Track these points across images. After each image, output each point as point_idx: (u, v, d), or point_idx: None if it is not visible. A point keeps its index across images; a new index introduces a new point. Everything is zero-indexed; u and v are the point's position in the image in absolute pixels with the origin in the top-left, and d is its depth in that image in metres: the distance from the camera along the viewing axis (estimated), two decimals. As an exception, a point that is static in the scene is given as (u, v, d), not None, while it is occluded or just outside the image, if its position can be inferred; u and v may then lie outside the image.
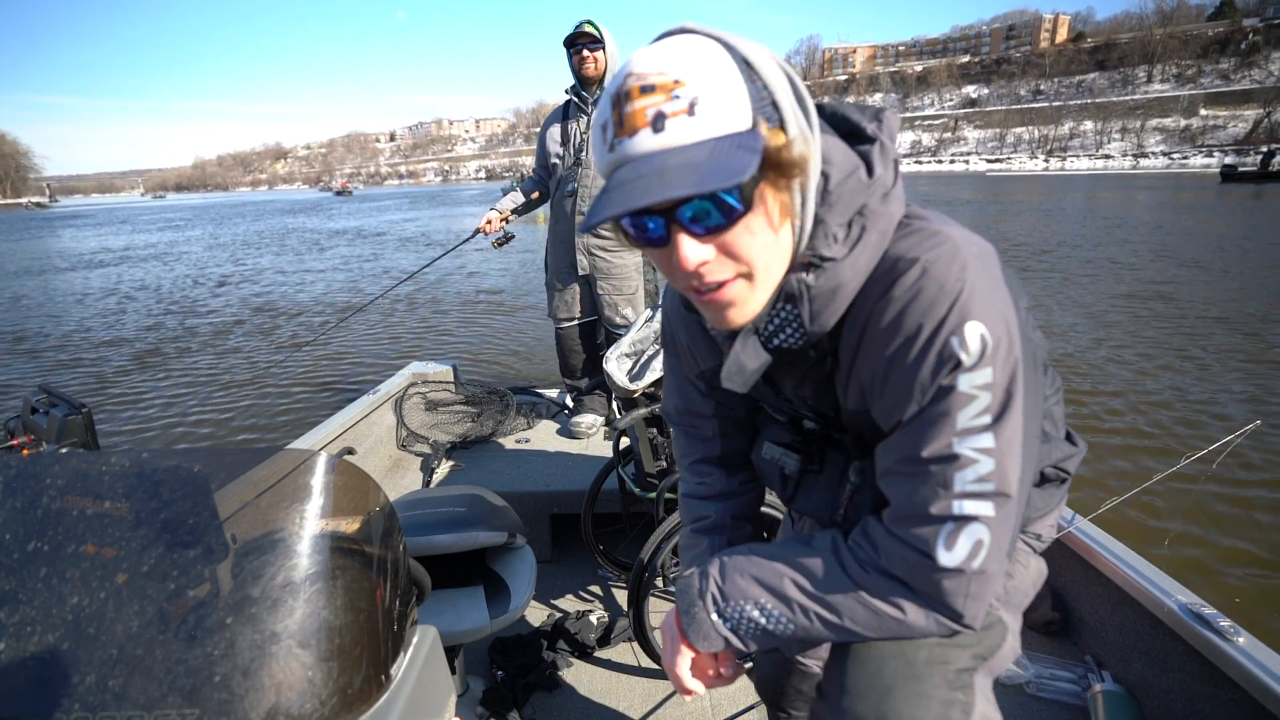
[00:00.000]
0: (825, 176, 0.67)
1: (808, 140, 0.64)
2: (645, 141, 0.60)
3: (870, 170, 0.69)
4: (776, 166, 0.62)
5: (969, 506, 0.66)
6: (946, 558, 0.66)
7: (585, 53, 2.65)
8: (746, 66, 0.62)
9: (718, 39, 0.63)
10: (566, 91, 2.84)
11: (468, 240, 3.32)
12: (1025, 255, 12.93)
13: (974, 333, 0.64)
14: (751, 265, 0.66)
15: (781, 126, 0.62)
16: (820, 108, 0.74)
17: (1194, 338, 6.60)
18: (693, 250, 0.63)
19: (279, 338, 8.26)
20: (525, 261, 13.71)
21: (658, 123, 0.59)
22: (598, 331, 3.12)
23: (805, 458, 0.90)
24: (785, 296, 0.70)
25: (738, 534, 0.99)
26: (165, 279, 14.32)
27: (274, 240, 24.41)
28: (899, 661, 0.75)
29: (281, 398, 5.78)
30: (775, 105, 0.62)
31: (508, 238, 3.08)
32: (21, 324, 9.62)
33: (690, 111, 0.59)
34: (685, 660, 0.85)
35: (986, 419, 0.65)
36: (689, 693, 0.87)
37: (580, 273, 2.94)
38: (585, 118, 2.77)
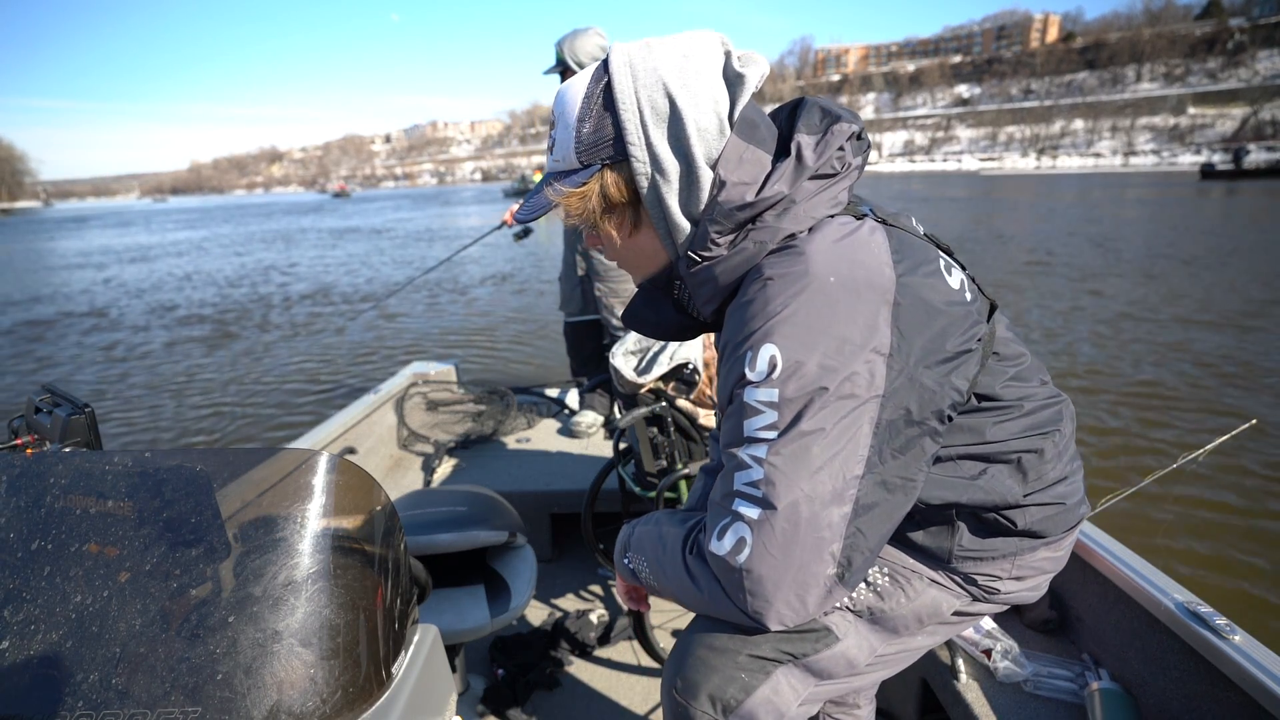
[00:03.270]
0: (722, 185, 0.76)
1: (665, 170, 0.76)
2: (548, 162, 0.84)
3: (765, 186, 0.76)
4: (605, 201, 0.80)
5: (739, 505, 0.72)
6: (715, 545, 0.74)
7: (562, 80, 2.82)
8: (604, 103, 0.77)
9: (609, 74, 0.77)
10: None
11: (495, 230, 3.71)
12: (1014, 251, 13.01)
13: (765, 354, 0.71)
14: (617, 257, 0.88)
15: (624, 160, 0.77)
16: (801, 102, 0.83)
17: (1192, 337, 6.61)
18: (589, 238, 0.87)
19: (332, 318, 8.93)
20: (529, 261, 13.73)
21: (550, 149, 0.83)
22: (603, 331, 3.16)
23: None
24: (677, 277, 0.86)
25: None
26: (199, 274, 14.94)
27: (292, 237, 25.17)
28: (708, 636, 0.86)
29: (283, 398, 5.78)
30: (621, 141, 0.76)
31: (526, 231, 3.36)
32: (50, 314, 9.73)
33: (550, 149, 0.83)
34: (620, 584, 1.04)
35: (770, 434, 0.71)
36: (629, 606, 1.07)
37: (579, 273, 3.08)
38: None
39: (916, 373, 0.72)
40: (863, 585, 0.89)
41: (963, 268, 0.86)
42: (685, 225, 0.80)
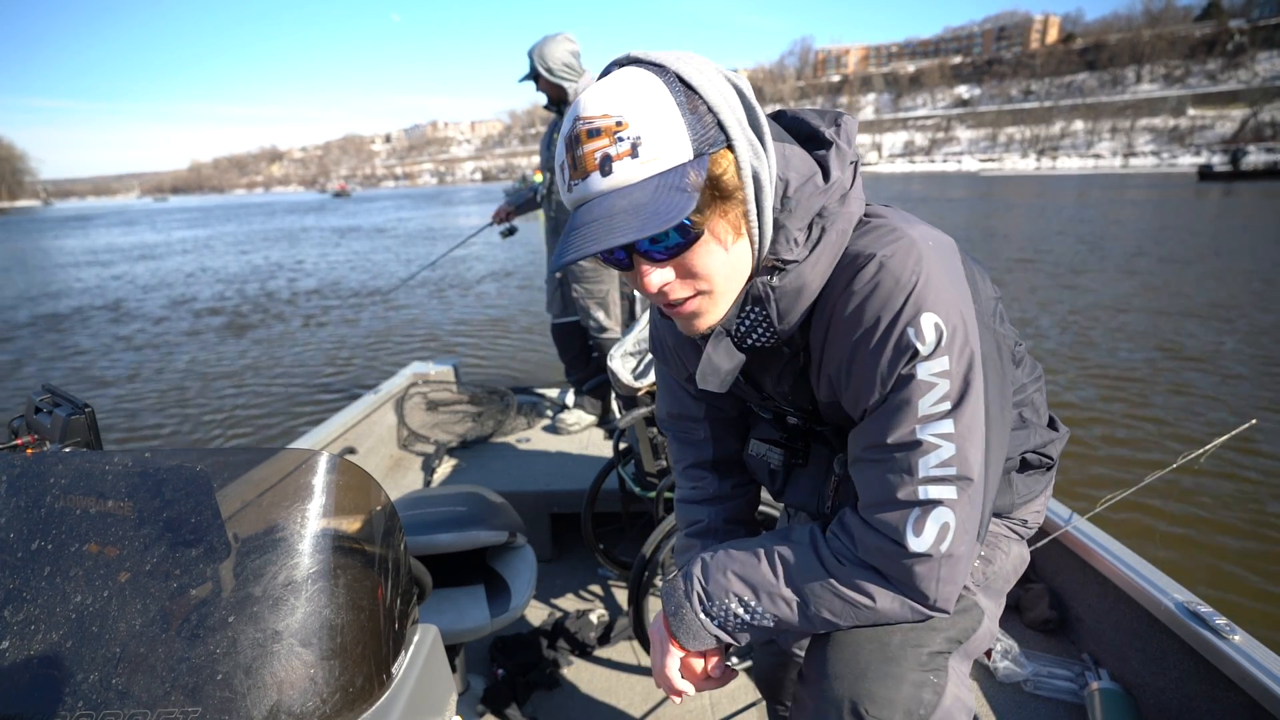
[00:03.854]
0: (785, 182, 0.71)
1: (760, 155, 0.68)
2: (596, 184, 0.64)
3: (827, 174, 0.73)
4: (720, 190, 0.67)
5: (933, 491, 0.68)
6: (915, 543, 0.69)
7: (538, 87, 2.85)
8: (689, 92, 0.65)
9: (661, 67, 0.66)
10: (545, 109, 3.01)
11: (483, 230, 3.77)
12: (1012, 250, 13.11)
13: (929, 323, 0.67)
14: (710, 281, 0.71)
15: (729, 146, 0.66)
16: (781, 114, 0.78)
17: (1190, 337, 6.61)
18: (653, 275, 0.70)
19: (343, 311, 9.14)
20: (528, 261, 13.74)
21: (605, 166, 0.64)
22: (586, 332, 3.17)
23: (789, 452, 0.94)
24: (753, 300, 0.74)
25: (730, 538, 1.01)
26: (198, 272, 15.20)
27: (296, 236, 25.59)
28: (874, 645, 0.77)
29: (283, 398, 5.78)
30: (721, 127, 0.66)
31: (511, 230, 3.38)
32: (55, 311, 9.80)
33: (634, 153, 0.63)
34: (675, 661, 0.87)
35: (946, 405, 0.68)
36: (679, 694, 0.88)
37: (556, 275, 3.08)
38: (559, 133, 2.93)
39: (988, 320, 0.75)
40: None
41: None
42: (769, 228, 0.71)
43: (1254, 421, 1.68)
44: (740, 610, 0.79)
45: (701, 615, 0.82)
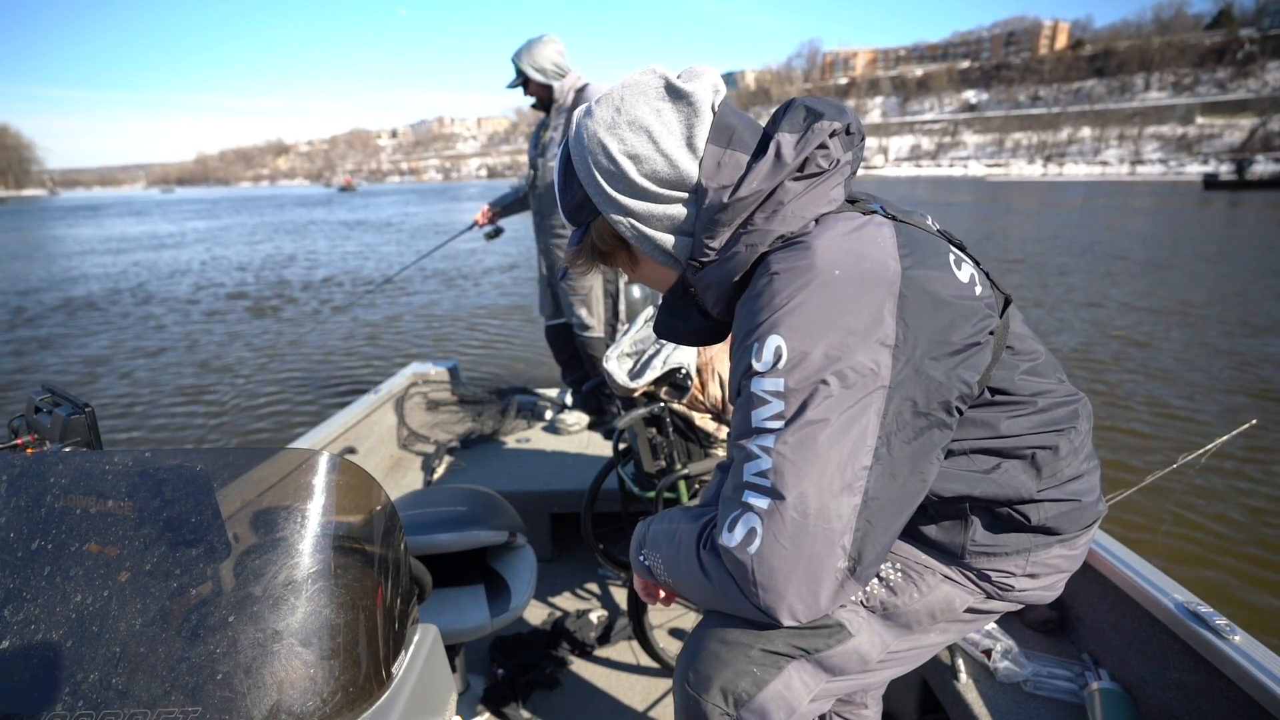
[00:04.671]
0: (704, 193, 0.81)
1: (625, 218, 0.84)
2: None
3: (738, 186, 0.79)
4: (596, 251, 0.92)
5: (749, 496, 0.73)
6: (726, 537, 0.74)
7: (526, 91, 2.85)
8: (570, 175, 0.88)
9: (567, 149, 0.88)
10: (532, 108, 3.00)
11: (466, 231, 3.63)
12: (1012, 254, 13.19)
13: (771, 344, 0.72)
14: (639, 281, 0.98)
15: (598, 216, 0.87)
16: (791, 103, 0.85)
17: (1190, 337, 6.61)
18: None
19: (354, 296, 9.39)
20: (527, 261, 13.76)
21: None
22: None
23: None
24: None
25: None
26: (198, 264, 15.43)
27: (305, 229, 26.02)
28: (720, 631, 0.86)
29: (283, 398, 5.78)
30: (590, 203, 0.86)
31: (498, 231, 3.30)
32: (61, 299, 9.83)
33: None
34: (637, 580, 1.05)
35: (777, 424, 0.72)
36: (646, 600, 1.08)
37: (543, 273, 3.10)
38: (545, 129, 2.92)
39: (923, 364, 0.72)
40: (875, 580, 0.89)
41: (976, 263, 0.86)
42: (679, 241, 0.86)
43: (1254, 421, 1.68)
44: (655, 564, 0.92)
45: (639, 556, 0.97)
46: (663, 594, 1.05)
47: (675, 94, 0.81)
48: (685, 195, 0.83)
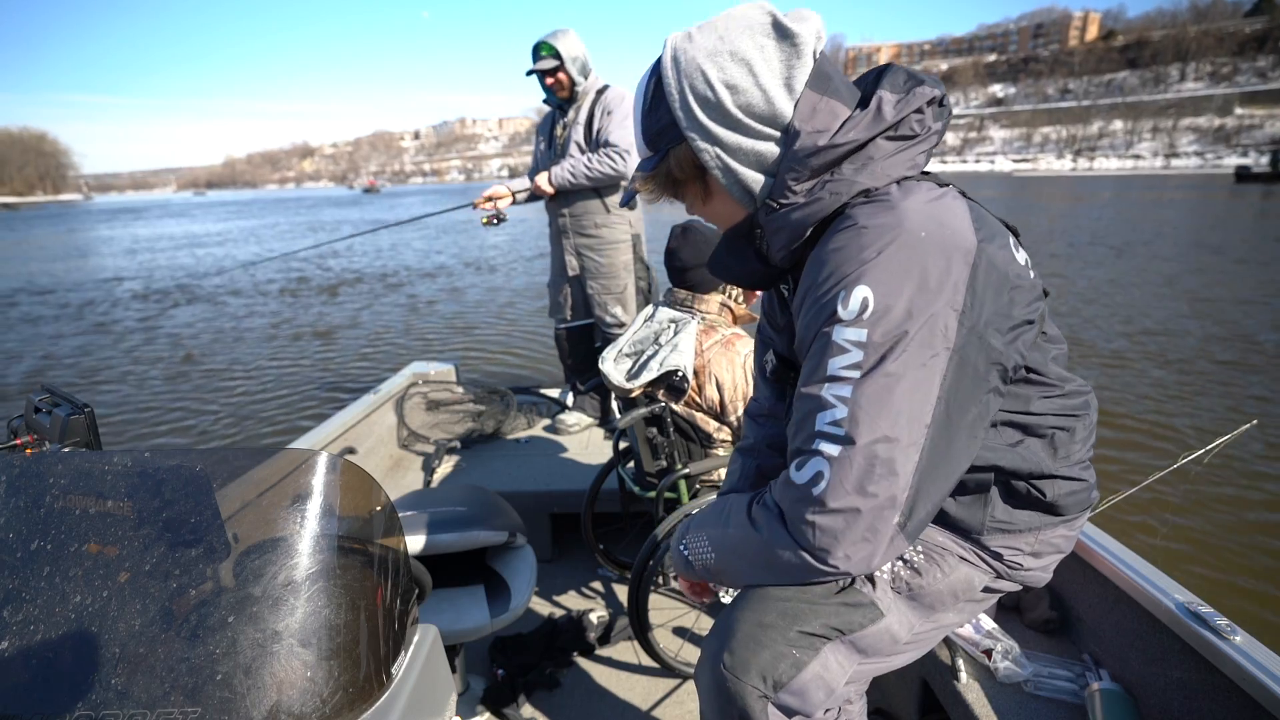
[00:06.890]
0: (796, 135, 0.80)
1: (712, 147, 0.83)
2: None
3: (838, 132, 0.80)
4: (670, 179, 0.89)
5: (819, 444, 0.75)
6: (796, 475, 0.77)
7: (549, 79, 2.74)
8: (659, 97, 0.85)
9: (659, 70, 0.85)
10: (545, 103, 2.89)
11: (461, 208, 3.30)
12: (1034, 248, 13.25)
13: (859, 294, 0.73)
14: (702, 216, 0.97)
15: (683, 142, 0.85)
16: (887, 68, 0.86)
17: (1190, 337, 6.61)
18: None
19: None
20: (527, 260, 13.76)
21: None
22: (595, 334, 3.14)
23: (779, 392, 1.10)
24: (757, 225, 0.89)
25: (769, 461, 1.11)
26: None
27: (338, 227, 27.87)
28: (754, 614, 0.86)
29: (283, 398, 5.78)
30: (676, 128, 0.84)
31: (500, 218, 3.01)
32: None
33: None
34: (682, 582, 1.09)
35: (854, 373, 0.73)
36: (694, 598, 1.13)
37: (570, 273, 3.00)
38: (563, 127, 2.83)
39: (985, 333, 0.75)
40: (900, 562, 0.92)
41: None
42: (760, 179, 0.85)
43: (1255, 422, 1.68)
44: (699, 546, 0.93)
45: (680, 546, 0.98)
46: (701, 589, 1.08)
47: (781, 32, 0.81)
48: (776, 134, 0.82)
